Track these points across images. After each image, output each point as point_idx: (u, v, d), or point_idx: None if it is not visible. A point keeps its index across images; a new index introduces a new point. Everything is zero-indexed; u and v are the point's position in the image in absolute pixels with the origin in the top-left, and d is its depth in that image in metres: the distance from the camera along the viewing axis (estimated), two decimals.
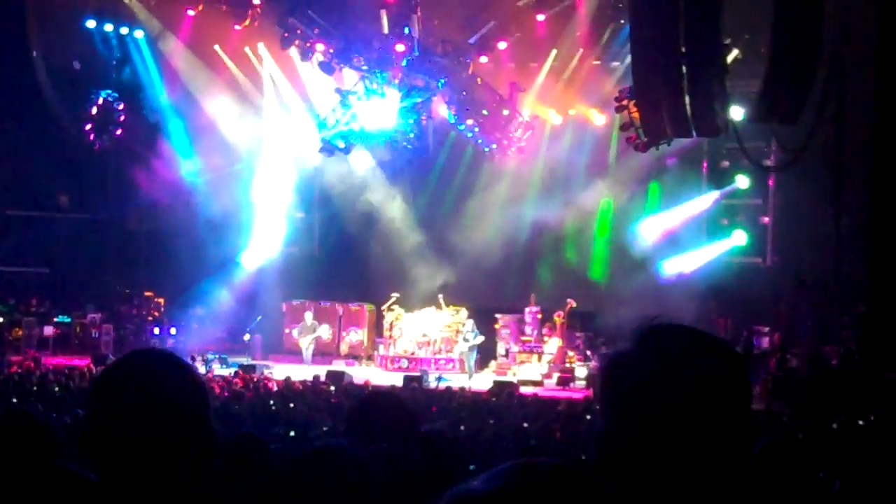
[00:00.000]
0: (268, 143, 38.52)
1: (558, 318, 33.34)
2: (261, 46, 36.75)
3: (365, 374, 32.87)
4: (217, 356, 31.79)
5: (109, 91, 36.76)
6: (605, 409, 2.89)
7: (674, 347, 2.91)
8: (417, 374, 31.63)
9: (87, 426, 3.35)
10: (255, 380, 27.12)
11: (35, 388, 21.39)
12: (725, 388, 2.82)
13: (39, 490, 4.44)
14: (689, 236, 34.98)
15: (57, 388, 21.78)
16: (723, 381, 2.83)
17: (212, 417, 3.46)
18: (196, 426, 3.34)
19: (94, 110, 36.41)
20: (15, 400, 18.06)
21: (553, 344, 33.40)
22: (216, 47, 36.52)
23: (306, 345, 35.37)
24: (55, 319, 36.68)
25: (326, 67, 34.10)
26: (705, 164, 35.05)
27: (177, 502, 3.31)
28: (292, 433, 13.28)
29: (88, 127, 36.52)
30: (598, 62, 34.24)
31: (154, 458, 3.25)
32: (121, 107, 36.82)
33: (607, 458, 2.79)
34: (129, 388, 3.32)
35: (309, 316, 36.03)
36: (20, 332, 35.34)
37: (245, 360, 32.80)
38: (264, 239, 38.46)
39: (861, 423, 18.99)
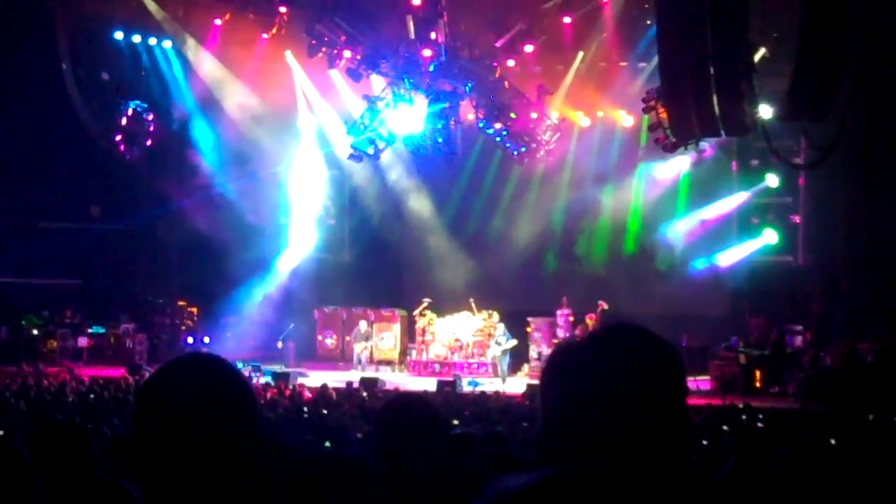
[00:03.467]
0: (297, 151, 38.64)
1: (590, 320, 33.27)
2: (288, 54, 36.83)
3: (398, 379, 32.96)
4: (251, 364, 31.84)
5: (138, 101, 36.95)
6: (544, 401, 2.97)
7: (619, 341, 2.99)
8: (450, 378, 31.66)
9: (133, 432, 3.31)
10: (290, 387, 27.20)
11: (70, 399, 21.50)
12: (659, 381, 2.93)
13: (78, 501, 4.48)
14: (719, 236, 34.94)
15: (93, 398, 21.91)
16: (657, 373, 2.94)
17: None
18: (245, 431, 3.28)
19: (124, 121, 36.59)
20: (51, 411, 18.14)
21: None
22: (243, 57, 36.58)
23: (360, 351, 35.50)
24: (89, 330, 36.81)
25: (354, 74, 34.17)
26: (735, 164, 34.95)
27: None
28: (327, 443, 13.30)
29: (118, 138, 36.70)
30: (625, 63, 34.18)
31: (201, 464, 3.18)
32: (150, 117, 37.01)
33: (548, 443, 2.87)
34: (179, 392, 3.26)
35: (363, 324, 36.13)
36: (55, 344, 35.48)
37: (278, 368, 32.86)
38: (299, 243, 38.59)
39: None
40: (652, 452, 2.81)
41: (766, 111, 25.04)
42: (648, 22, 30.59)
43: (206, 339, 36.66)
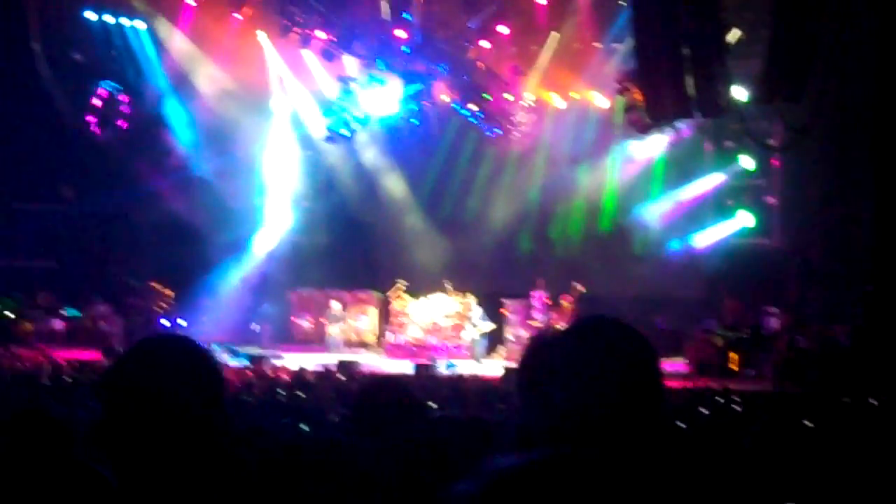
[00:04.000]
0: (272, 132, 38.57)
1: (565, 302, 33.33)
2: (260, 34, 36.70)
3: (375, 362, 32.95)
4: (226, 346, 31.79)
5: (111, 82, 36.80)
6: (524, 385, 3.02)
7: (595, 334, 3.05)
8: (427, 361, 31.68)
9: (100, 416, 3.30)
10: (265, 370, 27.18)
11: (47, 382, 21.42)
12: (634, 369, 3.05)
13: (57, 485, 4.46)
14: (695, 218, 35.02)
15: (70, 381, 21.83)
16: (632, 363, 3.06)
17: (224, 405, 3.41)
18: (212, 412, 3.29)
19: (97, 102, 36.45)
20: (27, 395, 18.06)
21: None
22: (216, 37, 36.43)
23: (335, 332, 35.52)
24: (64, 313, 36.71)
25: (327, 55, 34.12)
26: (709, 146, 34.99)
27: (192, 492, 3.26)
28: (303, 426, 13.28)
29: (91, 119, 36.55)
30: (599, 45, 34.16)
31: (168, 446, 3.19)
32: (123, 98, 36.85)
33: (525, 433, 2.90)
34: (142, 375, 3.26)
35: (337, 305, 36.10)
36: (29, 327, 35.35)
37: (254, 350, 32.82)
38: (274, 225, 38.56)
39: (873, 402, 18.98)
40: (630, 436, 2.84)
41: (740, 93, 25.12)
42: (622, 3, 30.57)
43: (182, 322, 36.56)
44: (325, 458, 3.87)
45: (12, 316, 35.41)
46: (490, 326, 34.01)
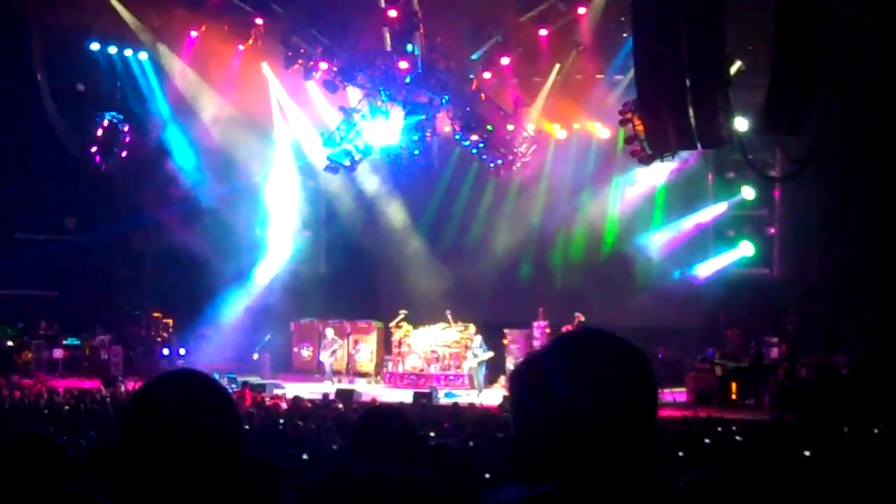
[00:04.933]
0: (274, 162, 38.62)
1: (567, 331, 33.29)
2: (264, 66, 36.78)
3: (374, 391, 32.93)
4: (226, 376, 31.73)
5: (114, 113, 36.89)
6: (515, 411, 2.97)
7: (580, 349, 2.97)
8: (427, 390, 31.66)
9: (115, 446, 3.26)
10: (265, 399, 27.18)
11: (46, 410, 21.42)
12: (626, 387, 2.93)
13: None
14: (696, 248, 35.05)
15: (68, 410, 21.83)
16: (623, 380, 2.94)
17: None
18: (229, 451, 3.27)
19: (100, 132, 36.52)
20: (26, 423, 18.07)
21: None
22: (219, 68, 36.52)
23: (326, 358, 35.50)
24: (64, 342, 36.68)
25: (330, 86, 34.16)
26: (711, 176, 35.04)
27: None
28: (305, 456, 13.30)
29: (94, 149, 36.61)
30: (601, 76, 34.23)
31: (183, 481, 3.17)
32: (126, 128, 36.93)
33: (517, 460, 2.87)
34: (165, 408, 3.24)
35: (330, 332, 36.13)
36: (29, 356, 35.32)
37: (254, 380, 32.80)
38: (275, 254, 38.57)
39: (874, 431, 18.96)
40: (624, 462, 2.82)
41: (741, 124, 25.14)
42: (625, 34, 30.61)
43: (182, 351, 36.58)
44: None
45: (13, 345, 35.40)
46: (489, 355, 33.97)
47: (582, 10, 32.31)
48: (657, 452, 2.93)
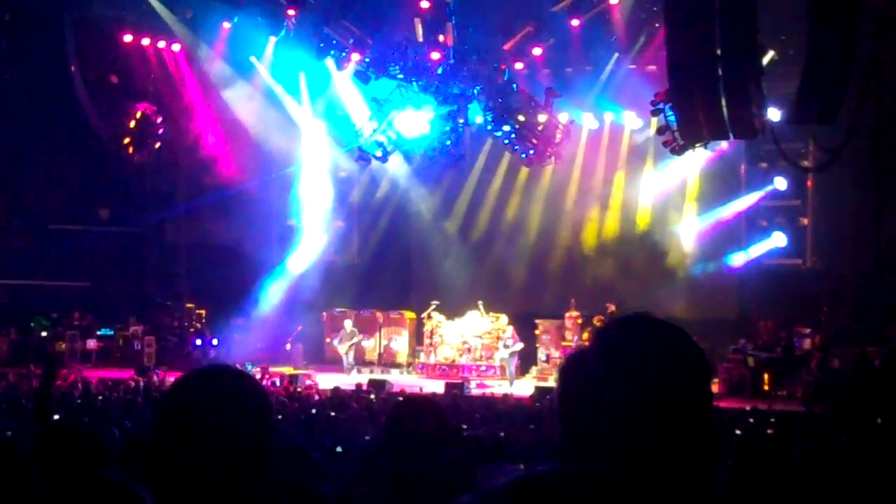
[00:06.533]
0: (306, 153, 38.64)
1: (599, 322, 33.22)
2: (296, 56, 36.79)
3: (406, 381, 32.97)
4: (258, 366, 31.80)
5: (147, 104, 37.00)
6: (562, 410, 2.90)
7: (629, 341, 2.90)
8: (458, 381, 31.68)
9: (149, 438, 3.26)
10: (298, 389, 27.24)
11: (80, 401, 21.52)
12: (682, 380, 2.84)
13: (87, 500, 4.49)
14: (728, 239, 34.91)
15: (101, 400, 21.94)
16: (679, 373, 2.85)
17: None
18: (262, 446, 3.29)
19: (133, 123, 36.65)
20: (61, 413, 18.15)
21: None
22: (252, 58, 36.57)
23: (345, 351, 35.52)
24: (98, 332, 36.86)
25: (362, 77, 34.17)
26: (743, 166, 34.91)
27: None
28: (339, 448, 13.31)
29: (127, 140, 36.75)
30: (633, 66, 34.13)
31: (216, 475, 3.19)
32: (159, 119, 37.06)
33: (566, 458, 2.81)
34: (201, 403, 3.27)
35: (349, 323, 36.16)
36: (63, 346, 35.50)
37: (287, 370, 32.88)
38: (308, 245, 38.58)
39: None
40: (677, 454, 2.74)
41: (774, 114, 25.05)
42: (657, 24, 30.55)
43: (215, 342, 36.65)
44: None
45: (47, 336, 35.58)
46: (520, 346, 33.94)
47: (614, 1, 32.23)
48: (710, 443, 2.85)
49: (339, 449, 13.43)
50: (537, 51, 33.89)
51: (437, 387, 30.07)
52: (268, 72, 36.94)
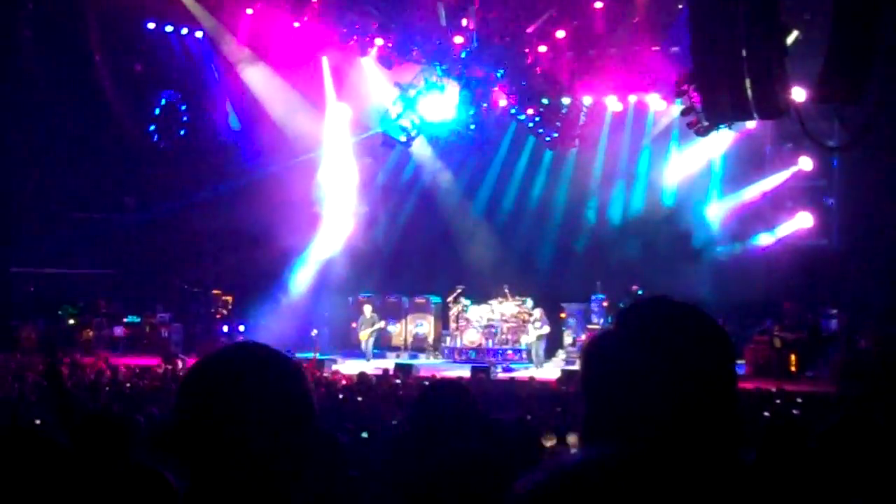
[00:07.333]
0: (330, 138, 38.66)
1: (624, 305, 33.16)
2: (319, 41, 36.79)
3: (433, 366, 32.99)
4: (286, 352, 31.84)
5: (171, 92, 37.10)
6: (586, 391, 2.90)
7: (650, 322, 2.90)
8: (485, 364, 31.69)
9: (177, 420, 3.14)
10: (325, 374, 27.28)
11: (107, 388, 21.62)
12: (704, 362, 2.84)
13: (119, 487, 4.52)
14: (754, 219, 34.83)
15: (129, 387, 22.03)
16: (701, 355, 2.85)
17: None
18: (297, 423, 3.18)
19: (157, 111, 36.80)
20: (88, 401, 18.24)
21: None
22: (275, 44, 36.60)
23: (366, 338, 35.54)
24: (124, 320, 37.00)
25: (385, 62, 34.17)
26: (768, 147, 34.80)
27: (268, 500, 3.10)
28: (364, 434, 13.35)
29: (152, 128, 36.91)
30: (657, 48, 34.02)
31: (246, 454, 3.07)
32: (183, 107, 37.17)
33: (591, 439, 2.82)
34: (228, 380, 3.15)
35: (368, 309, 36.17)
36: (90, 334, 35.67)
37: (313, 355, 32.95)
38: (333, 231, 38.59)
39: None
40: (702, 435, 2.75)
41: (799, 94, 24.93)
42: (680, 6, 30.46)
43: (242, 328, 36.75)
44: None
45: (74, 323, 35.73)
46: (547, 329, 33.94)
47: None
48: (735, 423, 2.85)
49: (364, 434, 13.46)
50: (560, 33, 33.78)
51: (463, 371, 30.07)
52: (291, 57, 36.93)
